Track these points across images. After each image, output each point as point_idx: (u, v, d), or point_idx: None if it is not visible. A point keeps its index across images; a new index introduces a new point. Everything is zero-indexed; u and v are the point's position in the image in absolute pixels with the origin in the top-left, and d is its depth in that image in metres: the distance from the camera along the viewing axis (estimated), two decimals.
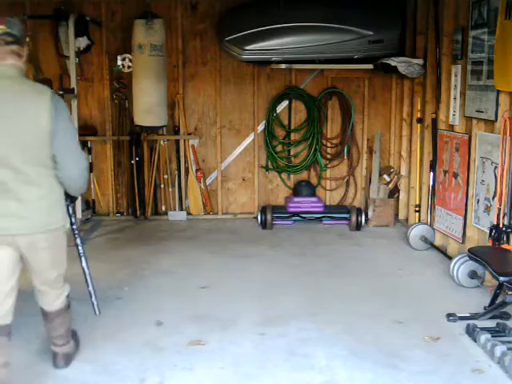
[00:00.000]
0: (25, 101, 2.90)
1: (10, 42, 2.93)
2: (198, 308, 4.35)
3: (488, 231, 4.51)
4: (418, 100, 6.21)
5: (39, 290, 3.27)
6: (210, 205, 7.07)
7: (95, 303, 4.30)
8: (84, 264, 4.19)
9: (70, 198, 3.30)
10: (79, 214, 6.14)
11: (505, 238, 4.35)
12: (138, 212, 6.90)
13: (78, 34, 6.02)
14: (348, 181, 7.12)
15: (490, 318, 4.01)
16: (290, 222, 6.74)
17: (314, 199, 6.79)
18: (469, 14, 5.02)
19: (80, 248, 4.13)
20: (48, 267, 3.16)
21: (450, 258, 5.05)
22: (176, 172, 6.99)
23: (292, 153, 7.07)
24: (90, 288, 4.25)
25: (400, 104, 6.80)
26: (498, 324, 3.88)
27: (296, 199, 6.77)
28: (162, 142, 6.88)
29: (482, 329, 3.78)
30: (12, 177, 2.87)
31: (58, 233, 3.11)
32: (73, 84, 5.97)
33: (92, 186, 6.79)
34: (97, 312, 4.29)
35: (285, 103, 6.97)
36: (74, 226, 3.94)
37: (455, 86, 5.34)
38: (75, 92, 5.98)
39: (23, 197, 2.91)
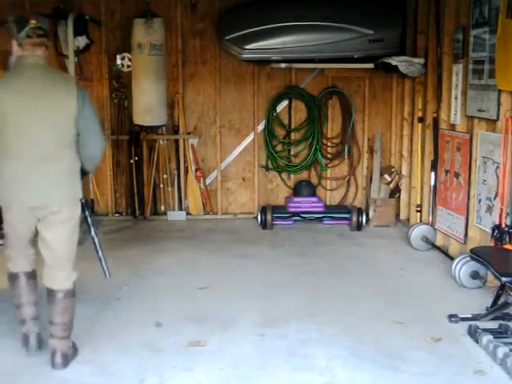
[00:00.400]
0: (55, 87, 3.35)
1: (41, 34, 3.34)
2: (198, 308, 4.34)
3: (490, 231, 4.50)
4: (419, 99, 6.20)
5: (49, 267, 3.45)
6: (210, 205, 7.05)
7: (105, 267, 4.56)
8: (93, 233, 4.49)
9: (82, 174, 3.57)
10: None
11: (507, 238, 4.33)
12: (137, 212, 6.89)
13: (77, 33, 6.00)
14: (349, 180, 7.10)
15: (492, 319, 3.99)
16: (290, 222, 6.72)
17: (314, 199, 6.77)
18: (470, 13, 5.00)
19: (89, 220, 4.41)
20: (63, 239, 3.43)
21: (452, 259, 5.04)
22: (175, 172, 6.98)
23: (292, 152, 7.05)
24: (100, 254, 4.54)
25: (401, 103, 6.78)
26: (500, 325, 3.86)
27: (296, 199, 6.76)
28: (161, 142, 6.86)
29: (484, 330, 3.76)
30: (42, 154, 3.28)
31: (77, 203, 3.50)
32: None
33: (91, 186, 6.78)
34: (107, 275, 4.54)
35: (285, 103, 6.96)
36: (83, 201, 4.06)
37: (456, 85, 5.32)
38: None
39: (51, 172, 3.32)
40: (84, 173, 3.59)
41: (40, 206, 3.33)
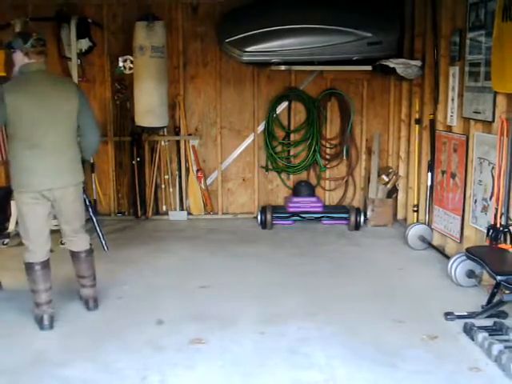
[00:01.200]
0: (59, 88, 3.99)
1: (42, 44, 3.95)
2: (199, 307, 4.38)
3: (485, 231, 4.54)
4: (417, 101, 6.23)
5: (71, 236, 4.22)
6: (211, 205, 7.10)
7: (103, 242, 5.52)
8: (91, 213, 5.43)
9: (82, 162, 4.23)
10: None
11: (502, 238, 4.37)
12: (139, 212, 6.94)
13: (79, 36, 6.03)
14: (347, 181, 7.15)
15: (488, 316, 4.04)
16: (289, 222, 6.77)
17: (313, 199, 6.82)
18: (466, 16, 5.04)
19: (87, 201, 5.06)
20: (75, 214, 4.16)
21: (448, 258, 5.08)
22: (177, 172, 7.03)
23: (292, 153, 7.10)
24: (98, 231, 5.44)
25: (398, 105, 6.83)
26: (495, 323, 3.91)
27: (295, 199, 6.80)
28: (162, 143, 6.91)
29: (480, 327, 3.81)
30: (52, 146, 3.90)
31: (80, 186, 4.18)
32: None
33: (93, 186, 6.83)
34: (105, 249, 5.50)
35: (284, 104, 7.00)
36: (83, 185, 4.48)
37: (453, 87, 5.36)
38: None
39: (59, 160, 3.94)
40: (83, 161, 4.24)
41: (50, 188, 3.92)
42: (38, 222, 3.98)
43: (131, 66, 6.31)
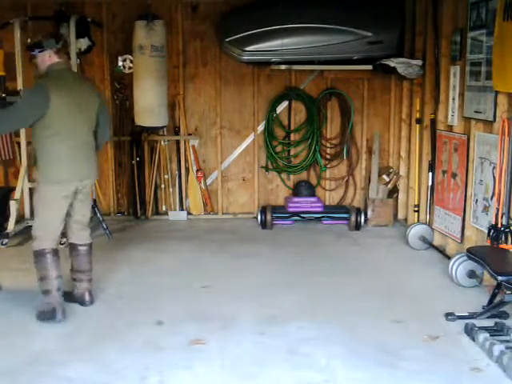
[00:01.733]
0: (85, 86, 4.35)
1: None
2: (199, 307, 4.38)
3: (486, 231, 4.53)
4: (417, 101, 6.23)
5: (80, 228, 4.35)
6: (211, 205, 7.10)
7: (107, 230, 5.99)
8: (93, 204, 5.62)
9: None
10: None
11: (503, 238, 4.36)
12: (139, 212, 6.94)
13: (79, 35, 6.03)
14: (347, 181, 7.14)
15: (489, 317, 4.03)
16: (289, 222, 6.77)
17: (313, 199, 6.82)
18: (467, 16, 5.05)
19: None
20: (88, 206, 4.43)
21: (449, 258, 5.08)
22: (176, 172, 7.03)
23: (292, 153, 7.10)
24: (102, 219, 5.98)
25: (399, 104, 6.82)
26: (496, 323, 3.90)
27: (296, 199, 6.80)
28: (162, 143, 6.91)
29: (481, 328, 3.80)
30: (81, 140, 4.17)
31: (94, 179, 4.49)
32: None
33: (93, 186, 6.80)
34: (109, 236, 5.99)
35: (284, 104, 7.00)
36: None
37: (454, 86, 5.36)
38: None
39: (87, 154, 4.22)
40: None
41: (82, 180, 4.16)
42: (61, 212, 4.14)
43: (131, 65, 6.31)
